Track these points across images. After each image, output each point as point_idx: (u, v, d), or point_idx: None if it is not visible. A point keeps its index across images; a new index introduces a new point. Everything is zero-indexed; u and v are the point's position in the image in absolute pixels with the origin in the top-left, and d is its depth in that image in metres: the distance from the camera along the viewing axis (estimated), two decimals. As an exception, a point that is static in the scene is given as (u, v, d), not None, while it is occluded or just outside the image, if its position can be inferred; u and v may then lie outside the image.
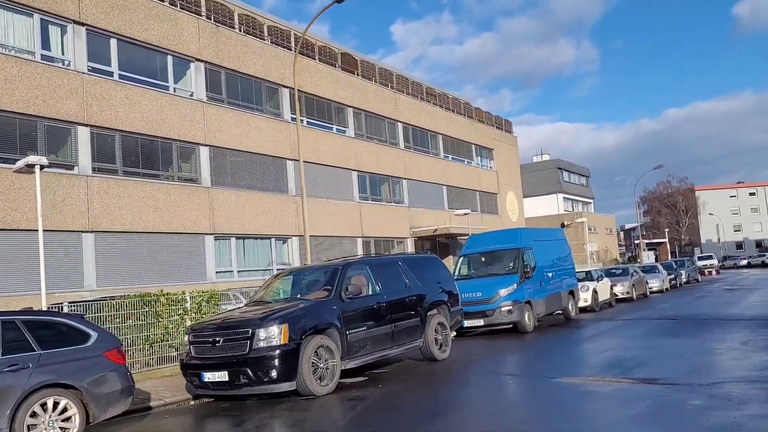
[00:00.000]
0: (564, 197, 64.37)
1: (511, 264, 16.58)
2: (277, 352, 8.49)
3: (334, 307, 9.46)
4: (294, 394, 8.94)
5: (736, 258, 71.84)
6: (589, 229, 56.40)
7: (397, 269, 11.26)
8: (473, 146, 42.40)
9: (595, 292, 21.62)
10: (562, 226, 54.70)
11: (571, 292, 19.32)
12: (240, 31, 25.95)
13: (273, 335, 8.50)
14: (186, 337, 9.33)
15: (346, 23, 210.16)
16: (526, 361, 11.57)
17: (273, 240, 26.34)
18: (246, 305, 10.74)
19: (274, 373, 8.49)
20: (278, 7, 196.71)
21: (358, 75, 32.30)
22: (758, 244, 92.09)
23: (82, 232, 19.50)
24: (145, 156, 21.69)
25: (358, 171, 31.30)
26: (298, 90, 28.24)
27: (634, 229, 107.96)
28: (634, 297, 26.17)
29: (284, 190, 27.01)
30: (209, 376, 8.69)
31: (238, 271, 24.62)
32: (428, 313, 11.50)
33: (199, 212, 23.01)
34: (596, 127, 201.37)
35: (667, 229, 69.03)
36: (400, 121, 35.07)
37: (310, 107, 28.90)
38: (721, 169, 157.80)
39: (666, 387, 8.02)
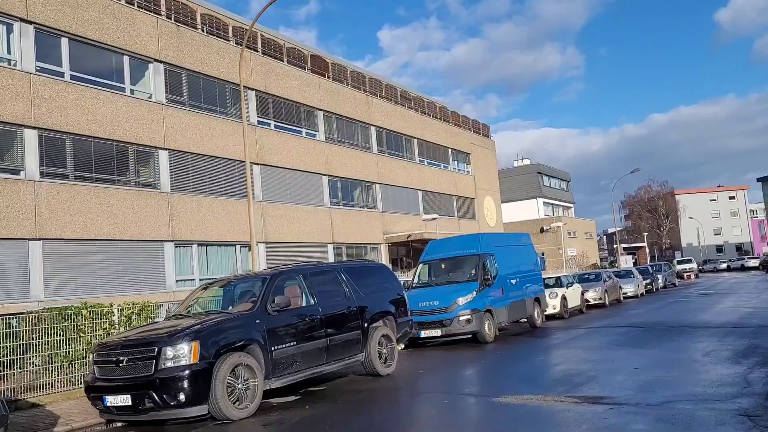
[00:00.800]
0: (544, 202, 63.87)
1: (472, 271, 15.78)
2: (186, 372, 7.63)
3: (258, 321, 8.61)
4: (210, 418, 8.13)
5: (716, 261, 71.64)
6: (569, 233, 55.96)
7: (336, 279, 10.46)
8: (450, 150, 41.74)
9: (564, 298, 20.92)
10: (541, 231, 54.25)
11: (537, 299, 18.55)
12: (203, 31, 25.11)
13: (182, 354, 7.65)
14: (90, 356, 8.47)
15: (334, 30, 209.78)
16: (472, 377, 10.81)
17: (238, 247, 25.46)
18: (165, 319, 9.90)
19: (182, 396, 7.63)
20: (265, 13, 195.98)
21: (329, 78, 31.53)
22: (738, 247, 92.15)
23: (29, 239, 18.54)
24: (98, 160, 20.75)
25: (329, 176, 30.49)
26: (265, 92, 27.49)
27: (615, 233, 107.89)
28: (607, 303, 25.51)
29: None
30: (111, 400, 7.81)
31: (201, 280, 23.70)
32: (371, 326, 10.70)
33: (157, 218, 22.10)
34: (582, 133, 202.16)
35: (645, 233, 68.68)
36: (374, 125, 34.32)
37: (278, 110, 28.10)
38: (704, 174, 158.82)
39: (610, 408, 7.27)
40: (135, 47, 22.07)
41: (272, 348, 8.63)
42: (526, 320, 18.31)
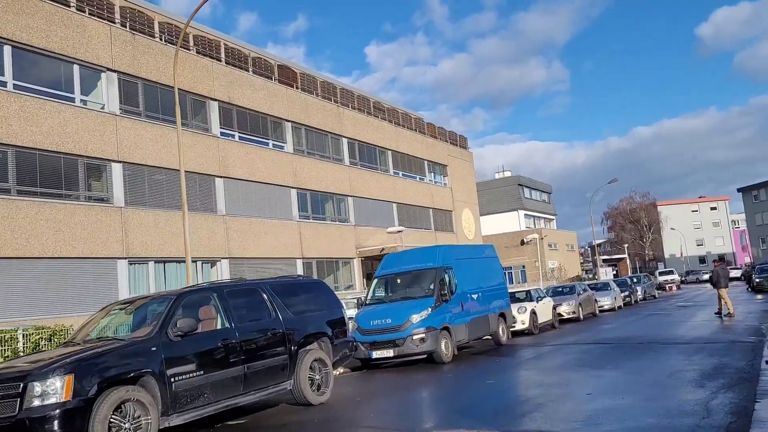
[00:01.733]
0: (525, 214, 63.04)
1: (429, 286, 14.63)
2: (56, 412, 6.47)
3: (154, 349, 7.51)
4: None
5: (699, 273, 71.01)
6: (550, 245, 55.13)
7: (259, 298, 9.38)
8: (426, 162, 40.85)
9: (533, 313, 19.88)
10: (522, 243, 53.37)
11: (503, 315, 17.40)
12: (161, 40, 24.11)
13: (53, 390, 6.52)
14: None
15: (322, 46, 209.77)
16: (410, 407, 9.69)
17: (200, 263, 24.30)
18: (58, 347, 8.78)
19: (52, 440, 6.52)
20: (254, 30, 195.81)
21: (297, 88, 30.60)
22: (721, 258, 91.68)
23: (-35, 258, 17.40)
24: (44, 174, 19.61)
25: (297, 188, 29.47)
26: (229, 103, 26.46)
27: (599, 245, 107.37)
28: (581, 317, 24.46)
29: (212, 210, 25.06)
30: (-30, 446, 6.73)
31: (158, 297, 22.55)
32: (302, 349, 9.62)
33: (109, 234, 20.94)
34: (567, 146, 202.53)
35: (626, 245, 67.94)
36: (345, 136, 33.38)
37: (243, 121, 27.08)
38: (687, 186, 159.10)
39: (546, 447, 6.28)
40: (86, 56, 21.02)
41: (172, 379, 7.52)
42: (490, 337, 17.26)
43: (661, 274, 57.24)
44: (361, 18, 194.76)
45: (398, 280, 15.37)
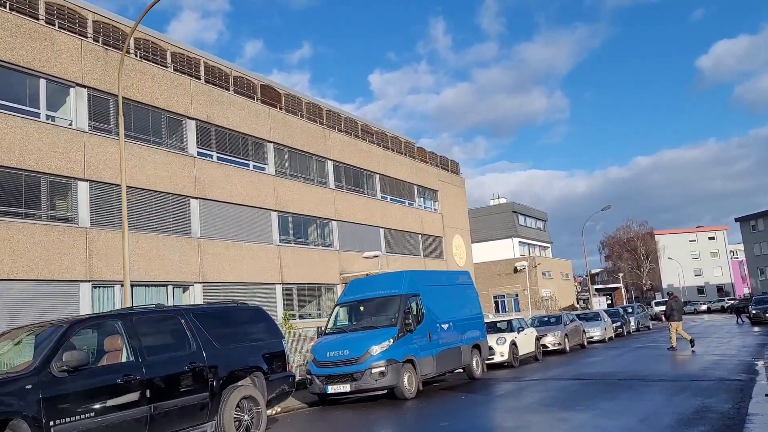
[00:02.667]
0: (520, 241, 61.88)
1: (393, 314, 13.40)
2: None
3: (29, 387, 6.37)
4: None
5: (696, 303, 69.50)
6: (543, 273, 53.95)
7: (177, 327, 8.28)
8: (415, 187, 39.88)
9: (513, 344, 18.63)
10: (515, 271, 52.17)
11: (477, 347, 16.11)
12: (136, 56, 23.30)
13: None
14: None
15: (326, 74, 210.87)
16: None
17: (170, 287, 23.18)
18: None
19: None
20: (259, 57, 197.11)
21: (281, 109, 29.76)
22: (719, 288, 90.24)
23: None
24: (2, 191, 18.66)
25: (279, 211, 28.45)
26: (207, 122, 25.57)
27: (597, 274, 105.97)
28: (568, 349, 23.14)
29: (186, 232, 24.02)
30: None
31: (123, 322, 21.41)
32: (229, 386, 8.51)
33: (72, 256, 19.88)
34: (567, 175, 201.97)
35: (621, 274, 66.58)
36: (331, 159, 32.46)
37: (222, 141, 26.16)
38: (686, 216, 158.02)
39: None
40: (54, 70, 20.17)
41: (51, 423, 6.42)
42: (463, 370, 16.02)
43: (657, 304, 55.87)
44: (366, 47, 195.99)
45: (361, 308, 14.15)
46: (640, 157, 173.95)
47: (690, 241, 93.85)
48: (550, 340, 22.41)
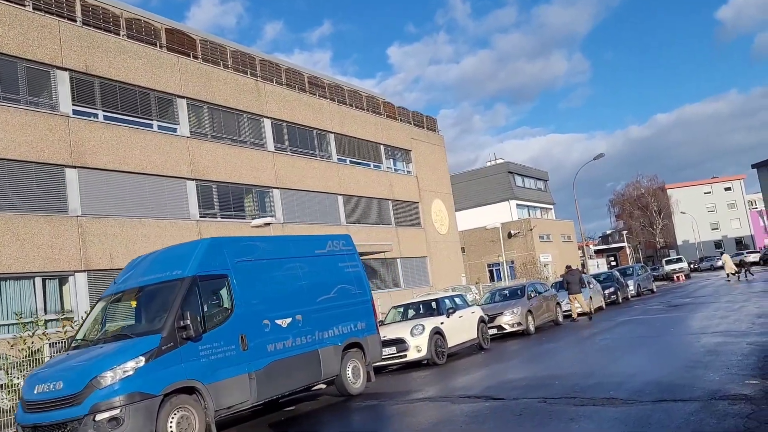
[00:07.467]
0: (518, 204, 56.29)
1: (162, 313, 8.00)
2: None
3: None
4: None
5: (713, 259, 63.28)
6: (541, 237, 48.61)
7: None
8: (382, 147, 34.55)
9: (437, 333, 13.20)
10: (509, 236, 46.84)
11: (356, 345, 10.78)
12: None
13: None
14: None
15: (347, 50, 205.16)
16: None
17: (39, 279, 18.37)
18: None
19: None
20: (280, 38, 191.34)
21: (196, 58, 24.61)
22: (738, 241, 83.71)
23: None
24: None
25: (197, 179, 23.46)
26: (85, 72, 20.49)
27: (609, 234, 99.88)
28: (532, 329, 17.53)
29: (63, 210, 19.19)
30: None
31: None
32: None
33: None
34: (587, 137, 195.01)
35: (625, 232, 60.46)
36: (267, 117, 27.26)
37: (108, 96, 21.01)
38: (707, 171, 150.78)
39: None
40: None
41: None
42: (325, 386, 10.72)
43: (668, 262, 50.08)
44: (385, 20, 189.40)
45: (132, 303, 8.65)
46: (660, 115, 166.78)
47: (705, 193, 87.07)
48: (508, 320, 17.03)
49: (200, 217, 23.29)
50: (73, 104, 19.84)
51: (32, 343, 10.80)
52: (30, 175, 18.48)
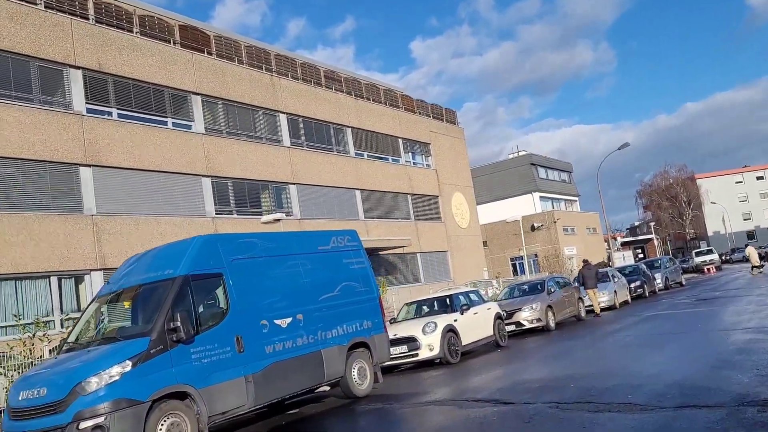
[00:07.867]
0: (541, 196, 55.36)
1: (152, 315, 7.66)
2: None
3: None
4: None
5: (743, 250, 61.50)
6: (565, 230, 47.73)
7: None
8: (400, 140, 34.10)
9: (451, 331, 12.77)
10: (532, 229, 46.08)
11: (363, 345, 10.35)
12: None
13: None
14: None
15: (369, 45, 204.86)
16: None
17: (55, 278, 18.34)
18: None
19: None
20: (303, 35, 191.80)
21: (210, 54, 24.43)
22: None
23: None
24: None
25: (213, 176, 23.30)
26: (99, 71, 20.43)
27: (638, 226, 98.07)
28: (552, 325, 16.98)
29: (78, 208, 19.14)
30: None
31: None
32: None
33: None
34: (614, 127, 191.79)
35: (653, 223, 58.97)
36: (283, 112, 26.99)
37: (123, 94, 20.91)
38: (738, 160, 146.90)
39: None
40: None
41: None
42: (329, 388, 10.32)
43: (697, 254, 48.80)
44: (408, 14, 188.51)
45: (125, 304, 8.38)
46: (690, 103, 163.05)
47: (736, 183, 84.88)
48: (526, 316, 16.52)
49: (216, 214, 23.11)
50: (86, 102, 19.76)
51: (32, 345, 10.63)
52: (44, 175, 18.44)
